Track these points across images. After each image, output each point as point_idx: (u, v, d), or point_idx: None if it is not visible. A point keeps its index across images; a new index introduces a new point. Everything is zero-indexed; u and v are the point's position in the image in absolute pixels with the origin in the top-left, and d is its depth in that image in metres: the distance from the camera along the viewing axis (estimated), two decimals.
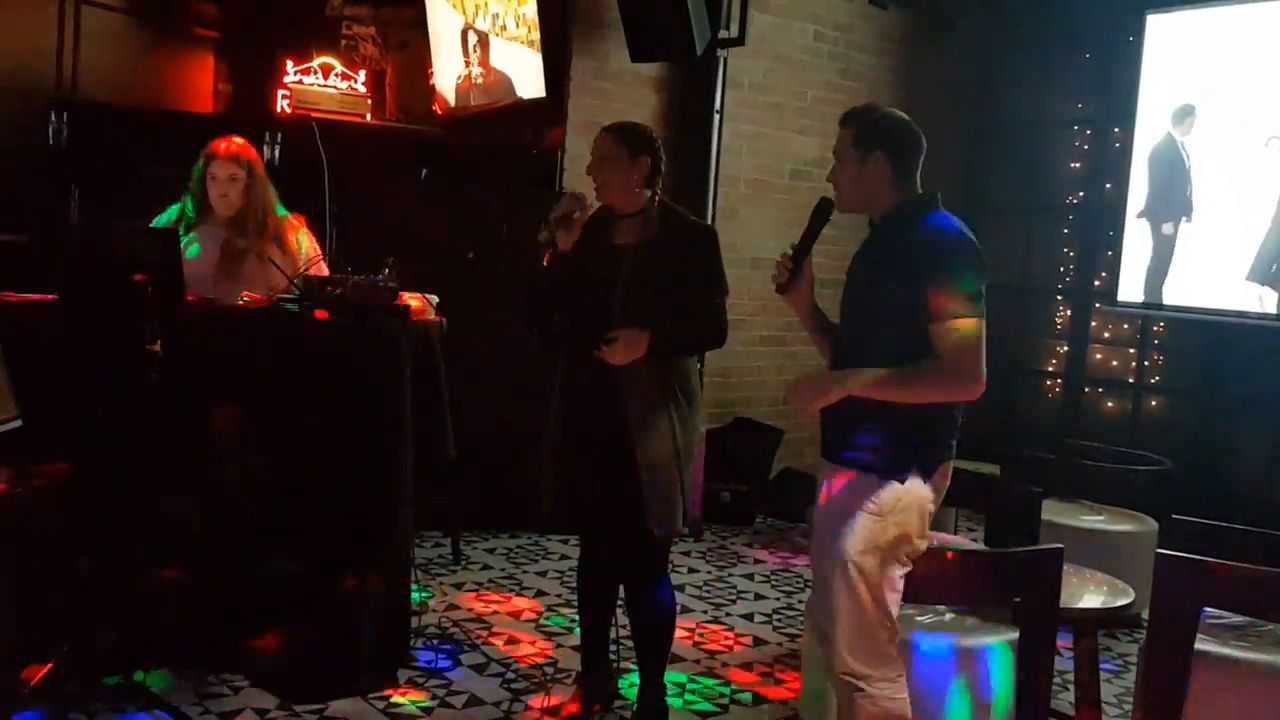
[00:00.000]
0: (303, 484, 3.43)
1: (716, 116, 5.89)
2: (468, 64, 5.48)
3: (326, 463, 3.38)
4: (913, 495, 2.49)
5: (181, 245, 3.46)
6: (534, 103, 5.22)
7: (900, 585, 2.52)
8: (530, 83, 5.21)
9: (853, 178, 2.58)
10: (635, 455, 3.05)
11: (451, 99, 5.59)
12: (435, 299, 3.77)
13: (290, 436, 3.39)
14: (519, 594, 4.54)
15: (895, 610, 2.52)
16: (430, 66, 5.67)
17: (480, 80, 5.44)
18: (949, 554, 2.62)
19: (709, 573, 5.09)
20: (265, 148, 4.72)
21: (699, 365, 6.05)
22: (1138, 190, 6.18)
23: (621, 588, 3.33)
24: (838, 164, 2.61)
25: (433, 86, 5.65)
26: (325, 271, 3.75)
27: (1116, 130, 6.58)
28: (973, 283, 2.43)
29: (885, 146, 2.55)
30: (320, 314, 3.38)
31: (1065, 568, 2.65)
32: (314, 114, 4.96)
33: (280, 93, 5.21)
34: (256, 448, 3.40)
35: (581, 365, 3.14)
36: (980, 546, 3.86)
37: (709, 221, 5.89)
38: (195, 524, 3.44)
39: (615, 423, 3.08)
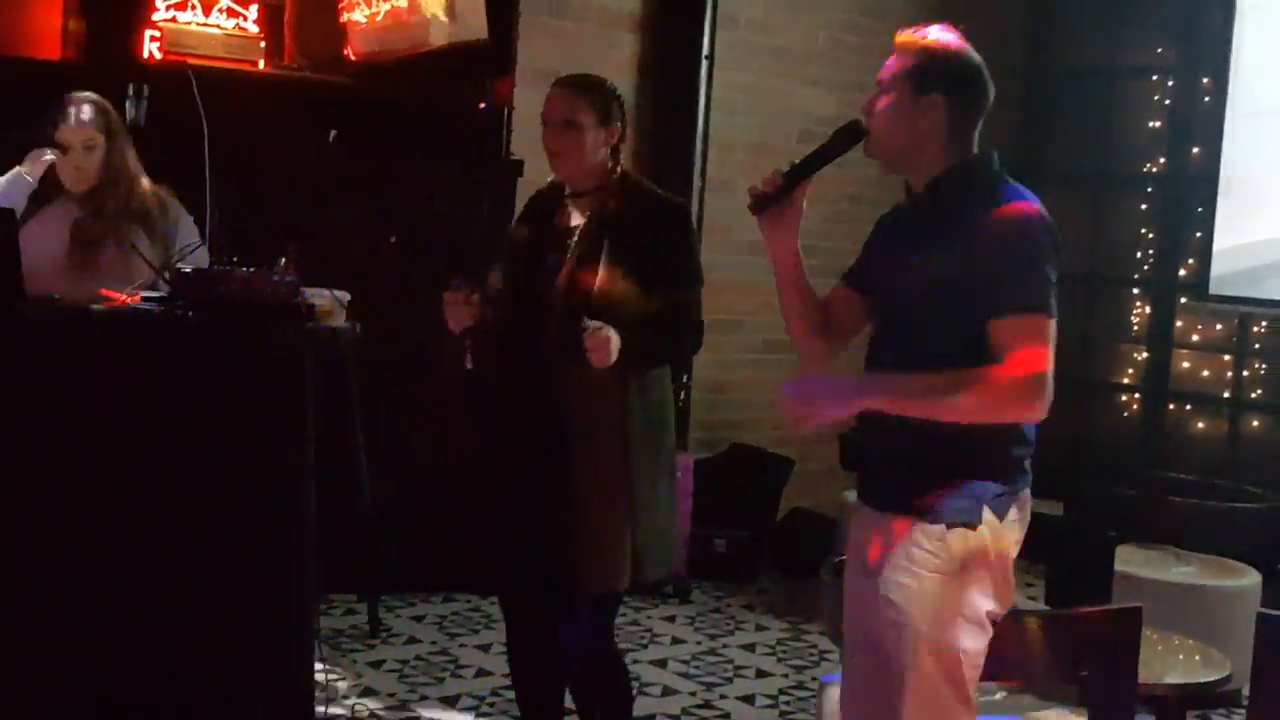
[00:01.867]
0: (170, 538, 3.39)
1: (706, 64, 5.90)
2: None
3: (203, 510, 3.34)
4: (990, 541, 2.46)
5: (19, 227, 3.43)
6: (474, 46, 5.20)
7: (982, 662, 2.48)
8: (469, 21, 5.19)
9: (899, 119, 2.52)
10: (577, 495, 3.08)
11: (368, 41, 5.56)
12: (347, 297, 3.74)
13: (155, 477, 3.35)
14: (454, 674, 4.51)
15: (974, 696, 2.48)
16: (341, 0, 5.64)
17: (405, 17, 5.41)
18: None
19: (699, 643, 5.07)
20: (128, 104, 4.69)
21: (685, 377, 6.10)
22: (1234, 156, 6.22)
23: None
24: (882, 94, 2.56)
25: (344, 26, 5.62)
26: (205, 262, 3.72)
27: (1206, 81, 6.63)
28: (1048, 273, 2.42)
29: (949, 89, 2.52)
30: (197, 316, 3.34)
31: (1145, 632, 2.66)
32: (191, 60, 4.92)
33: (148, 34, 5.17)
34: (107, 492, 3.35)
35: (512, 370, 3.18)
36: (1040, 606, 3.87)
37: (696, 196, 5.90)
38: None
39: (552, 443, 3.10)
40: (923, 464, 2.47)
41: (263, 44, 5.28)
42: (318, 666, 3.62)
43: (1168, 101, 6.89)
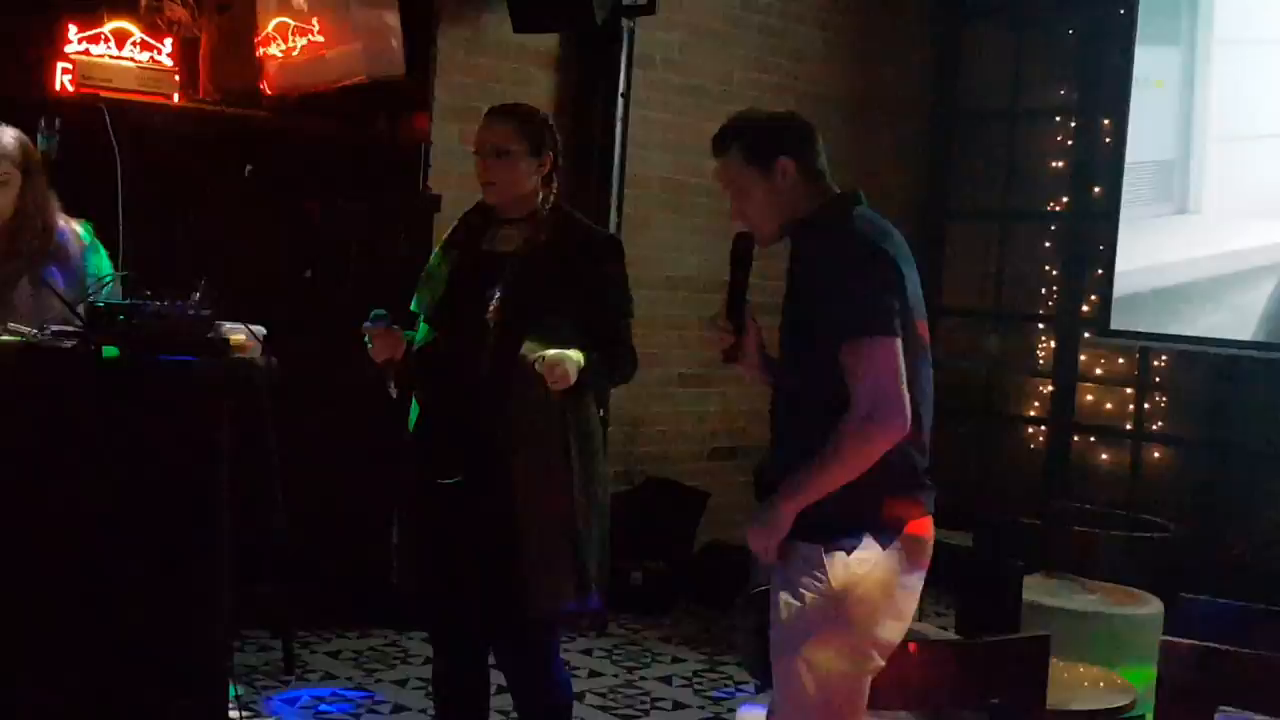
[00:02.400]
0: (79, 576, 3.32)
1: (622, 101, 5.94)
2: (305, 32, 5.44)
3: (114, 548, 3.29)
4: (871, 566, 2.51)
5: None
6: (390, 82, 5.20)
7: (866, 692, 2.53)
8: (386, 57, 5.19)
9: (765, 199, 2.64)
10: (519, 515, 3.07)
11: (285, 76, 5.53)
12: (262, 331, 3.70)
13: (63, 513, 3.29)
14: (372, 710, 4.46)
15: None
16: (257, 34, 5.61)
17: (322, 52, 5.40)
18: (910, 645, 2.65)
19: (615, 675, 5.06)
20: (39, 137, 4.60)
21: (601, 410, 6.09)
22: (1134, 195, 6.38)
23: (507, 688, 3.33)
24: (738, 197, 2.67)
25: (260, 60, 5.59)
26: (119, 296, 3.66)
27: (1107, 122, 6.81)
28: (883, 295, 2.49)
29: (787, 149, 2.63)
30: (109, 351, 3.30)
31: (1053, 660, 2.70)
32: (104, 93, 4.86)
33: (60, 65, 5.10)
34: (13, 529, 3.28)
35: (443, 395, 3.17)
36: (949, 635, 3.91)
37: (613, 232, 5.91)
38: None
39: (493, 470, 3.09)
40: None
41: (177, 77, 5.23)
42: (231, 708, 3.56)
43: (1070, 142, 7.05)
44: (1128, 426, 6.82)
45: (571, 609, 3.22)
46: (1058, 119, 7.10)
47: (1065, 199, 7.05)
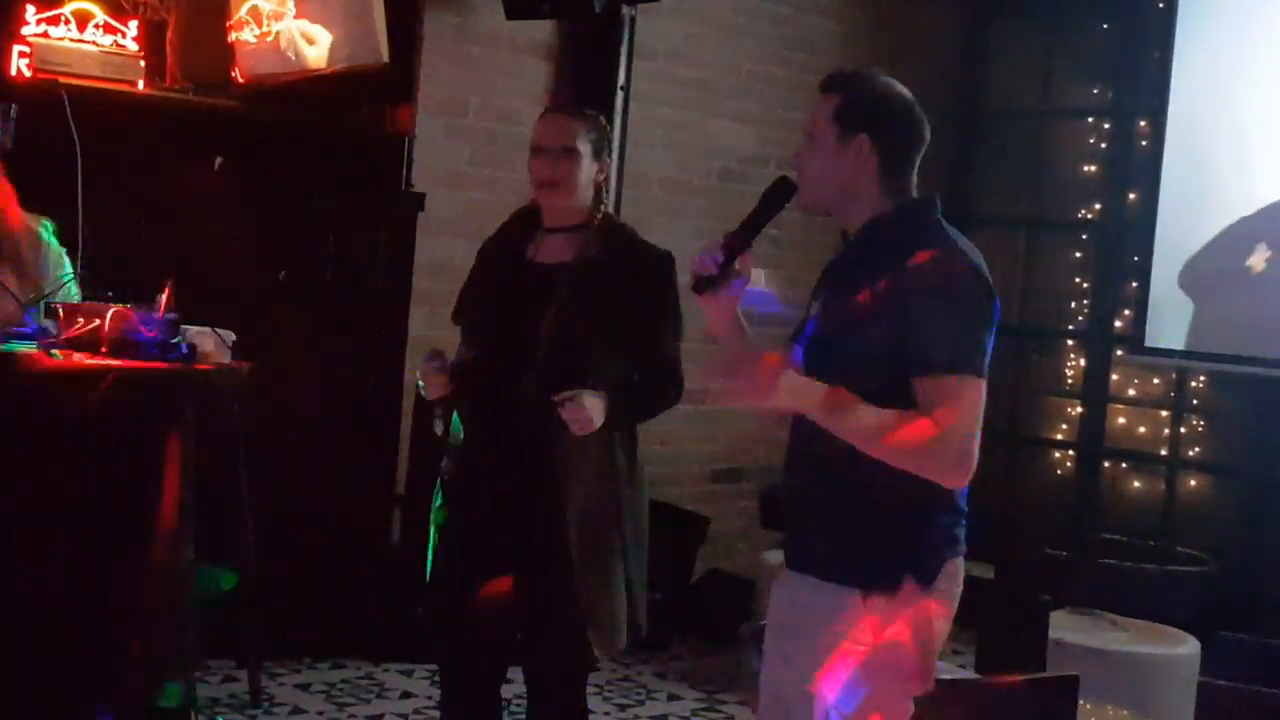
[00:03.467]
0: (30, 597, 3.32)
1: (621, 95, 5.94)
2: (280, 16, 5.45)
3: (68, 567, 3.29)
4: (911, 613, 2.47)
5: None
6: (373, 71, 5.20)
7: None
8: (368, 43, 5.20)
9: (827, 165, 2.57)
10: (571, 550, 3.08)
11: (258, 63, 5.54)
12: (232, 336, 3.72)
13: (15, 527, 3.29)
14: None
15: None
16: (229, 18, 5.62)
17: (298, 38, 5.41)
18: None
19: (607, 714, 5.06)
20: None
21: None
22: (1172, 202, 6.39)
23: None
24: (808, 143, 2.60)
25: (232, 45, 5.60)
26: (77, 297, 3.67)
27: (1144, 123, 6.83)
28: (976, 329, 2.44)
29: (875, 129, 2.55)
30: (66, 357, 3.30)
31: (1081, 702, 2.70)
32: (64, 79, 4.87)
33: (17, 49, 5.11)
34: None
35: (486, 411, 3.17)
36: (969, 674, 3.91)
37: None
38: None
39: (544, 503, 3.10)
40: (844, 525, 2.49)
41: (143, 63, 5.23)
42: None
43: (1103, 145, 7.06)
44: (1162, 452, 6.81)
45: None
46: (1090, 120, 7.11)
47: (1098, 206, 7.06)
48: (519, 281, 3.22)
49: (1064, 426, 7.17)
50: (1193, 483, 6.73)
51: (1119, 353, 6.89)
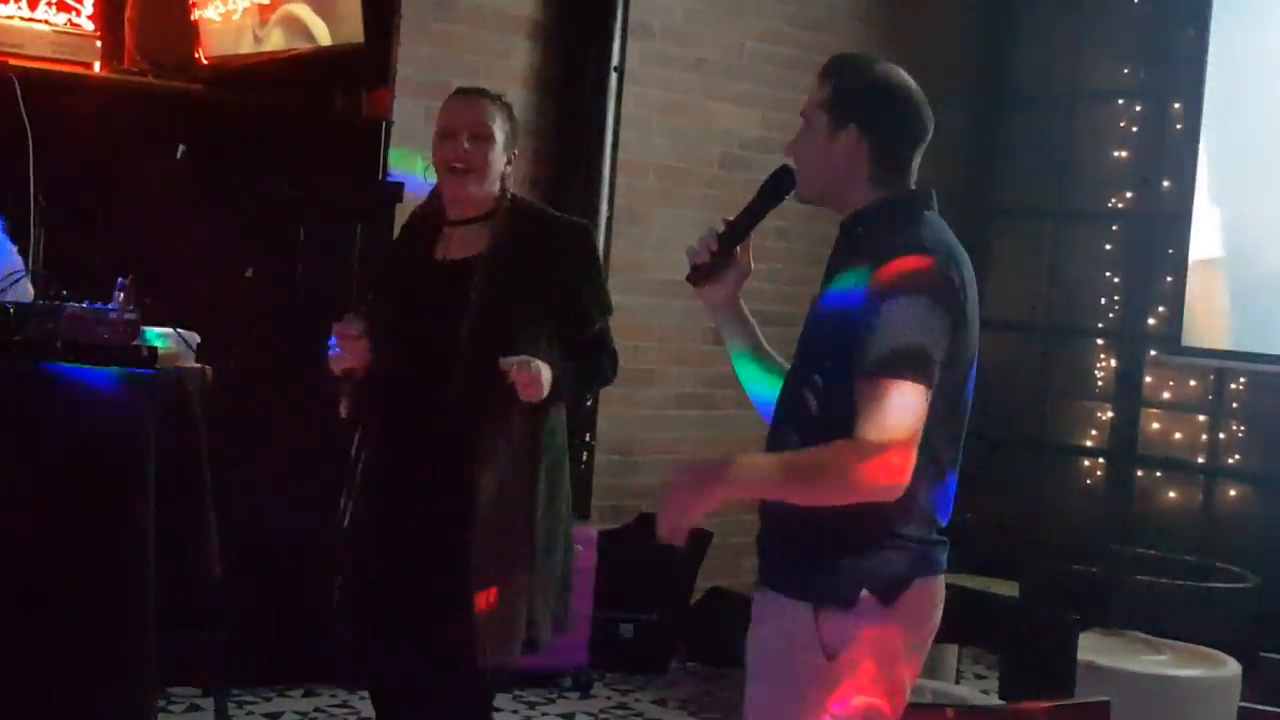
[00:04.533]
0: None
1: (615, 76, 5.95)
2: None
3: (19, 587, 3.29)
4: (870, 630, 2.50)
5: None
6: (346, 51, 5.21)
7: None
8: (342, 21, 5.21)
9: (818, 155, 2.63)
10: (471, 553, 3.10)
11: (223, 42, 5.55)
12: (196, 338, 3.72)
13: None
14: None
15: None
16: None
17: (266, 16, 5.41)
18: (949, 711, 2.66)
19: None
20: None
21: (588, 436, 6.10)
22: (1208, 190, 6.40)
23: None
24: (803, 131, 2.66)
25: (195, 24, 5.60)
26: (29, 296, 3.68)
27: (1178, 106, 6.84)
28: (925, 333, 2.45)
29: (866, 120, 2.60)
30: (16, 359, 3.30)
31: None
32: (14, 61, 4.88)
33: None
34: None
35: (404, 421, 3.19)
36: (993, 701, 3.92)
37: (603, 227, 5.94)
38: None
39: (452, 500, 3.12)
40: (803, 537, 2.53)
41: (99, 43, 5.24)
42: None
43: (1134, 129, 7.07)
44: (1200, 460, 6.82)
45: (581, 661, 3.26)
46: (1120, 102, 7.12)
47: (1129, 195, 7.07)
48: (429, 283, 3.24)
49: (1093, 432, 7.17)
50: (1232, 493, 6.73)
51: (1153, 353, 6.89)
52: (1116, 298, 7.09)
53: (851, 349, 2.45)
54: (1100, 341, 7.16)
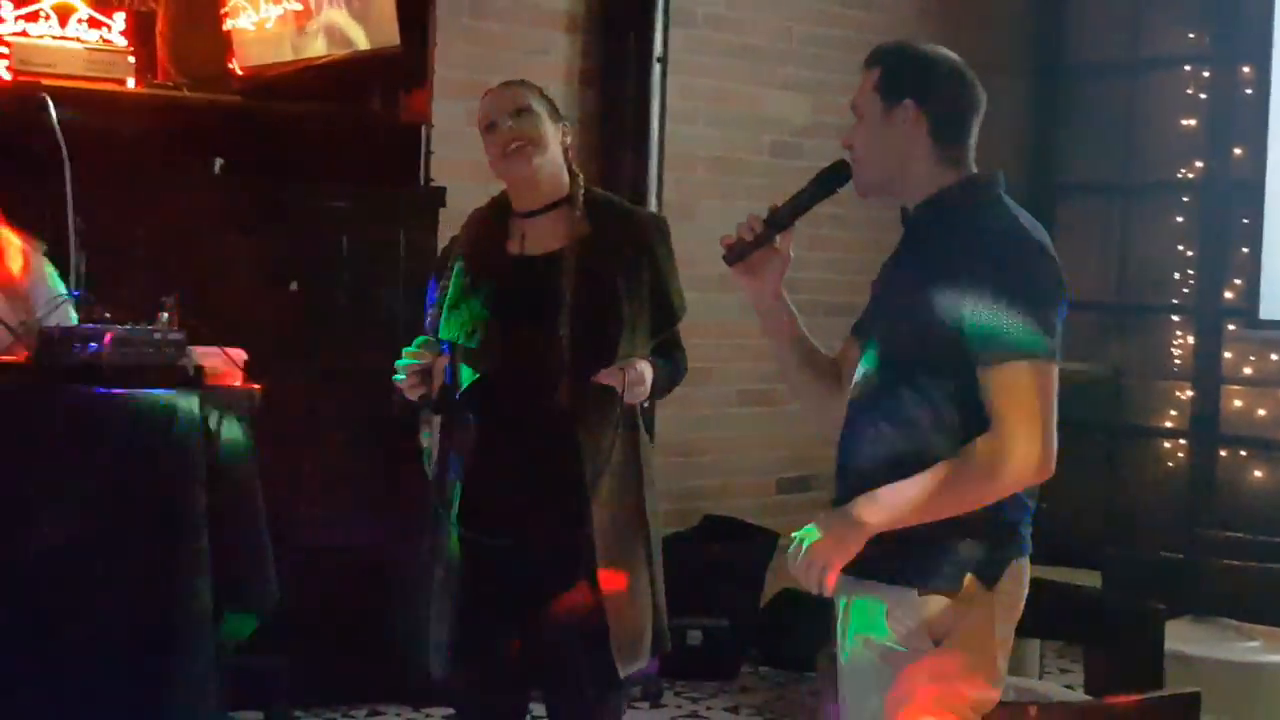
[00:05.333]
0: (32, 651, 3.36)
1: (659, 67, 5.95)
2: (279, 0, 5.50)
3: (71, 616, 3.32)
4: (973, 615, 2.52)
5: None
6: (382, 55, 5.24)
7: None
8: (377, 25, 5.23)
9: (875, 140, 2.64)
10: (596, 560, 3.12)
11: (257, 52, 5.59)
12: (242, 356, 3.75)
13: (11, 575, 3.33)
14: None
15: None
16: (223, 4, 5.68)
17: (300, 23, 5.45)
18: (1030, 709, 2.65)
19: None
20: None
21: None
22: None
23: None
24: (857, 124, 2.67)
25: (227, 35, 5.65)
26: (72, 319, 3.72)
27: (1247, 70, 6.77)
28: (1046, 310, 2.49)
29: (920, 92, 2.61)
30: (64, 383, 3.34)
31: None
32: (47, 80, 4.93)
33: None
34: None
35: (507, 428, 3.18)
36: (1078, 695, 3.90)
37: None
38: None
39: (565, 513, 3.13)
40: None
41: (132, 59, 5.29)
42: None
43: (1203, 96, 7.00)
44: None
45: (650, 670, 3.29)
46: (1187, 69, 7.05)
47: (1199, 164, 7.00)
48: (515, 282, 3.23)
49: (1173, 413, 7.11)
50: None
51: (1231, 327, 6.84)
52: (1191, 272, 7.03)
53: (964, 341, 2.47)
54: (1176, 318, 7.10)
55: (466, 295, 3.27)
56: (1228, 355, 6.92)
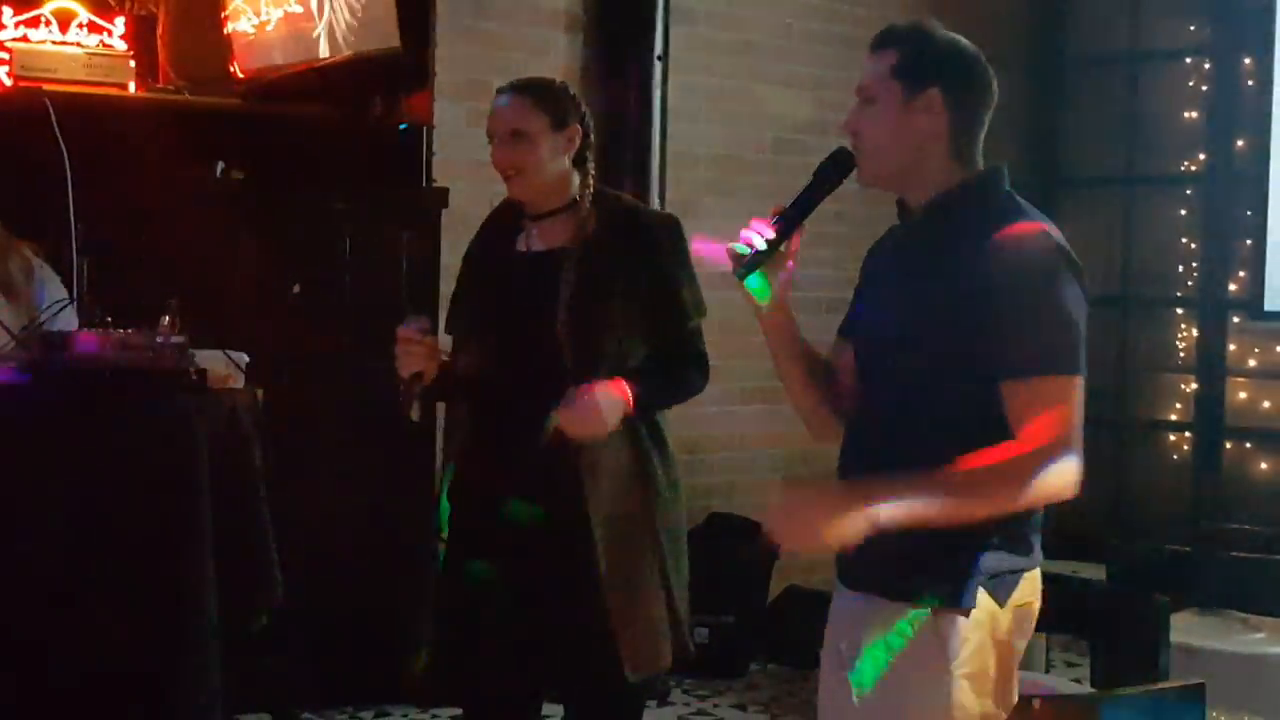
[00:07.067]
0: (34, 658, 3.36)
1: (659, 65, 5.95)
2: (280, 2, 5.50)
3: (75, 621, 3.32)
4: (984, 630, 2.45)
5: None
6: (383, 56, 5.24)
7: None
8: (377, 26, 5.24)
9: (892, 129, 2.49)
10: (598, 563, 3.09)
11: (257, 55, 5.59)
12: (245, 359, 3.75)
13: (13, 581, 3.33)
14: None
15: None
16: (223, 7, 5.68)
17: (300, 25, 5.45)
18: (1037, 703, 2.64)
19: None
20: None
21: None
22: None
23: None
24: (866, 109, 2.53)
25: (228, 38, 5.65)
26: (73, 323, 3.72)
27: (1248, 61, 6.76)
28: (1072, 320, 2.37)
29: (948, 80, 2.49)
30: (65, 388, 3.34)
31: (1212, 713, 2.69)
32: (48, 85, 4.93)
33: None
34: None
35: (502, 422, 3.17)
36: (1084, 689, 3.90)
37: None
38: None
39: (566, 515, 3.11)
40: (905, 535, 2.34)
41: (132, 63, 5.30)
42: None
43: (1204, 88, 7.00)
44: None
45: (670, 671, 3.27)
46: (1188, 60, 7.05)
47: (1202, 156, 7.00)
48: (516, 277, 3.23)
49: (1177, 405, 7.11)
50: None
51: (1235, 319, 6.83)
52: (1194, 264, 7.02)
53: (986, 346, 2.35)
54: (1180, 311, 7.10)
55: (470, 289, 3.31)
56: (1232, 347, 6.91)
